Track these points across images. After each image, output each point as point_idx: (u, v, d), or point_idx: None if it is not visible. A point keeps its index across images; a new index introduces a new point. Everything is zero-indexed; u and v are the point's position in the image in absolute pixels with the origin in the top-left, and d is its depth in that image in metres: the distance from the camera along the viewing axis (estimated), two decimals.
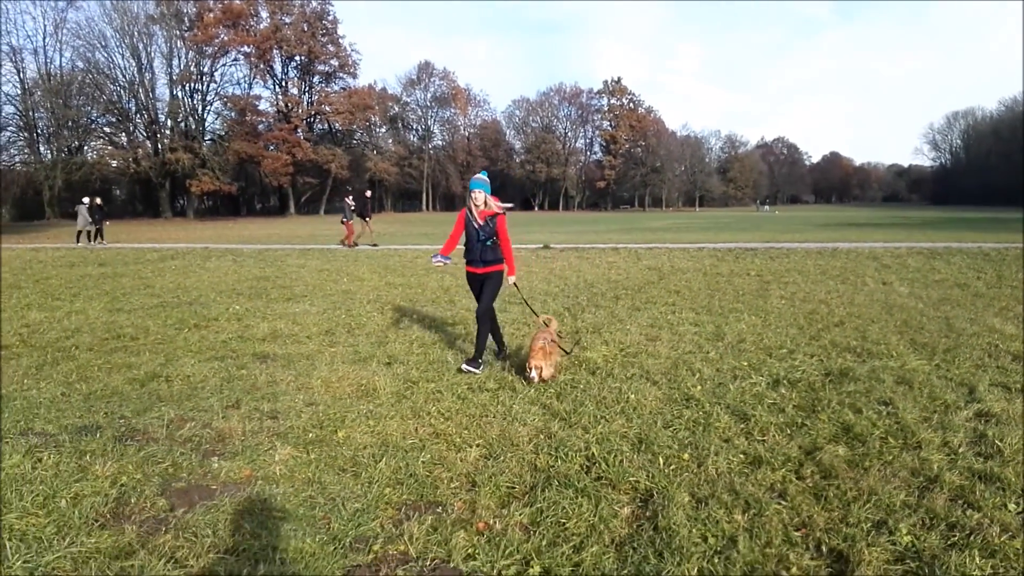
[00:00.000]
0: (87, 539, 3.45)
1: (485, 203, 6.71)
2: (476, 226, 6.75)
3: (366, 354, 7.51)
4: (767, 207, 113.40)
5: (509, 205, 6.42)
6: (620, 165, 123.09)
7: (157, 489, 4.05)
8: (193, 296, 12.25)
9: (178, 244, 27.26)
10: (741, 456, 4.33)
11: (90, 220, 27.78)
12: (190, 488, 4.11)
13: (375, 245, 24.77)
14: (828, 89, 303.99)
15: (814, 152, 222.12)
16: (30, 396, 6.05)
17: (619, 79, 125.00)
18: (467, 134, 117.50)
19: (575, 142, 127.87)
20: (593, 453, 4.39)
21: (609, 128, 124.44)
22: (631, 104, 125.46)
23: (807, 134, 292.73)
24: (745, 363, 6.71)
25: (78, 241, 27.91)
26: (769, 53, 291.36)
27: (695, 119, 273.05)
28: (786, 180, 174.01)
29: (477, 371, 6.55)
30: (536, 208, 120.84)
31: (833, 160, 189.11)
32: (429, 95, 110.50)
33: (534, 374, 5.97)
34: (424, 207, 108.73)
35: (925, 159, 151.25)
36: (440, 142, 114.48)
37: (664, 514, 3.55)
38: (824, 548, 3.22)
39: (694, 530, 3.39)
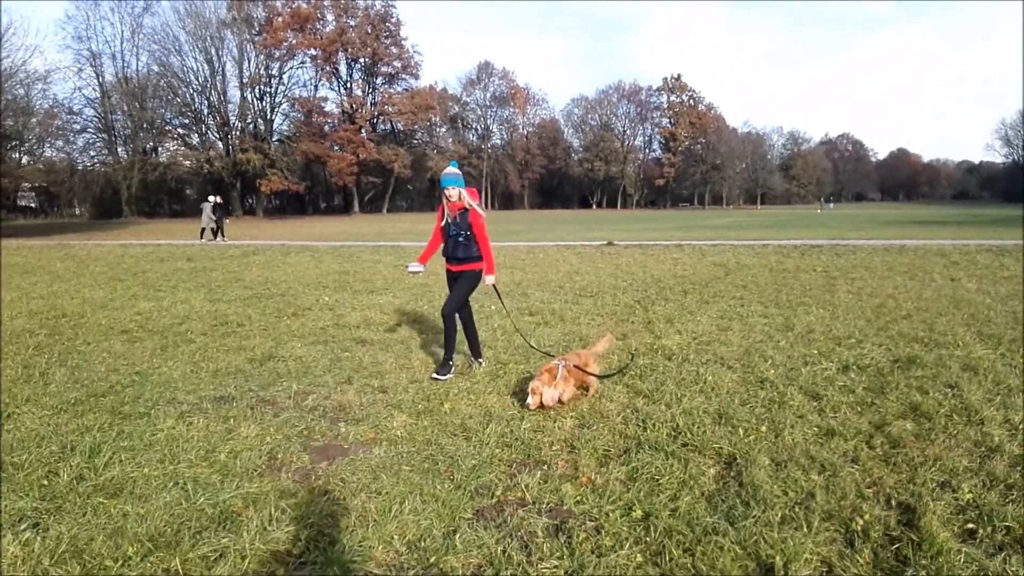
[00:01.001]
0: (250, 484, 4.09)
1: (459, 197, 6.36)
2: (448, 221, 6.46)
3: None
4: (831, 204, 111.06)
5: (484, 213, 6.43)
6: (679, 163, 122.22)
7: (299, 447, 4.69)
8: (282, 288, 13.07)
9: (255, 241, 28.50)
10: (815, 429, 4.75)
11: (212, 218, 28.97)
12: (326, 447, 4.74)
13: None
14: (896, 85, 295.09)
15: (880, 148, 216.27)
16: (163, 372, 6.81)
17: (679, 76, 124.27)
18: (525, 133, 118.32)
19: (634, 140, 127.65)
20: (678, 424, 4.87)
21: (668, 125, 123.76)
22: (691, 101, 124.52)
23: (873, 130, 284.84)
24: (815, 351, 7.08)
25: (201, 238, 29.09)
26: (833, 49, 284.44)
27: (757, 115, 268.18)
28: (851, 177, 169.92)
29: (443, 378, 6.32)
30: (594, 206, 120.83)
31: (900, 156, 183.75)
32: (488, 95, 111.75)
33: (530, 400, 5.26)
34: (484, 205, 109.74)
35: (997, 155, 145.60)
36: (499, 141, 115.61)
37: (747, 473, 4.01)
38: (893, 502, 3.65)
39: (775, 486, 3.84)
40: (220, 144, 74.58)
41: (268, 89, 76.38)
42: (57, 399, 5.86)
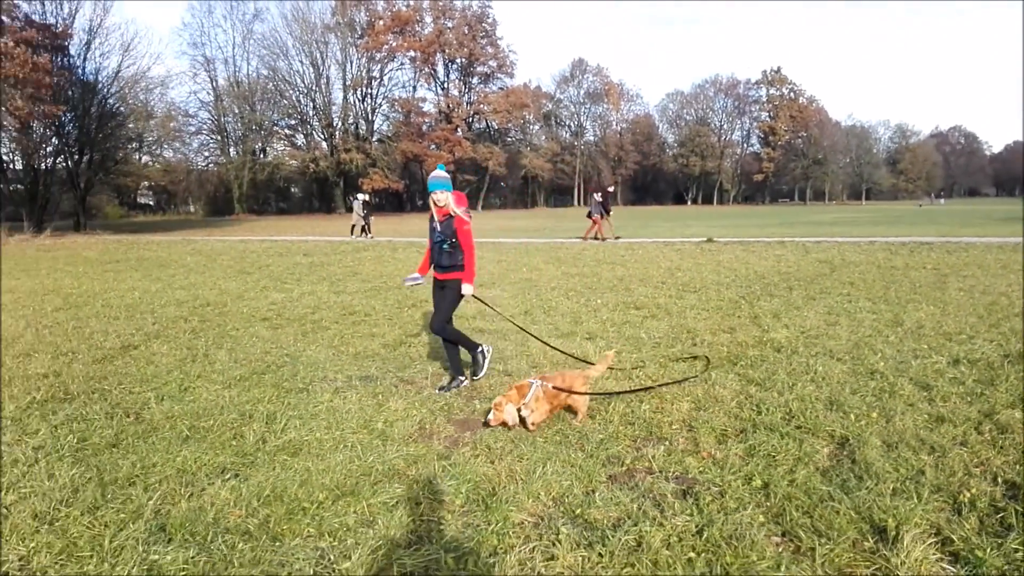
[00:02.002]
0: (407, 448, 4.69)
1: (446, 202, 6.06)
2: (434, 227, 6.19)
3: (567, 331, 8.60)
4: (942, 200, 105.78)
5: (467, 217, 6.18)
6: (779, 157, 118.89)
7: (444, 419, 5.29)
8: (396, 282, 13.87)
9: (376, 237, 29.79)
10: (925, 416, 5.00)
11: (361, 215, 29.40)
12: (466, 420, 5.31)
13: (617, 238, 24.83)
14: (1013, 75, 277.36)
15: (996, 142, 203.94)
16: (308, 355, 7.58)
17: (779, 68, 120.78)
18: (619, 129, 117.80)
19: (731, 134, 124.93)
20: (791, 409, 5.21)
21: (768, 119, 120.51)
22: (791, 94, 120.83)
23: (988, 122, 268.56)
24: (925, 345, 7.20)
25: (352, 234, 29.76)
26: (944, 40, 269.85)
27: (861, 108, 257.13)
28: (963, 171, 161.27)
29: (448, 391, 6.10)
30: (688, 202, 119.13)
31: (1017, 149, 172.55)
32: (582, 91, 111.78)
33: (491, 415, 4.97)
34: (575, 202, 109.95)
35: None
36: (592, 137, 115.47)
37: (860, 452, 4.33)
38: (1000, 479, 3.91)
39: (886, 464, 4.15)
40: (324, 144, 77.66)
41: (369, 91, 79.03)
42: (224, 376, 6.68)
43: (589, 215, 25.55)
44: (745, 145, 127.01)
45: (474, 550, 3.31)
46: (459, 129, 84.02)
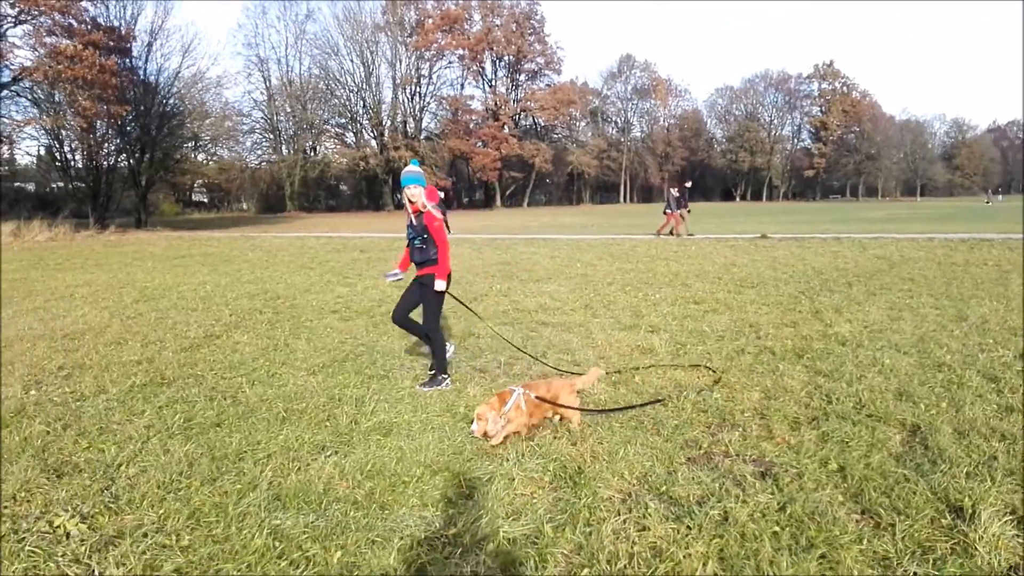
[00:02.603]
0: None
1: (419, 198, 6.03)
2: (409, 223, 6.19)
3: (629, 323, 8.79)
4: (1000, 196, 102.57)
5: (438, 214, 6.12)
6: (831, 153, 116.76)
7: None
8: (455, 277, 14.09)
9: None
10: (994, 406, 5.09)
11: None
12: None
13: (691, 235, 24.49)
14: None
15: None
16: (382, 345, 7.91)
17: (831, 62, 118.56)
18: (666, 125, 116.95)
19: (781, 129, 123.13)
20: (861, 399, 5.34)
21: (819, 114, 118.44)
22: (844, 88, 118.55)
23: None
24: (991, 340, 7.23)
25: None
26: (1002, 32, 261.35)
27: (916, 102, 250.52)
28: (1022, 167, 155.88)
29: (429, 390, 6.03)
30: (737, 198, 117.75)
31: None
32: (629, 87, 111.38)
33: (475, 426, 4.72)
34: (622, 199, 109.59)
35: None
36: (639, 133, 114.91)
37: (932, 439, 4.46)
38: None
39: (959, 450, 4.28)
40: (373, 142, 78.75)
41: (418, 89, 79.86)
42: (307, 363, 7.05)
43: (664, 211, 25.18)
44: (796, 140, 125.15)
45: (569, 521, 3.55)
46: (506, 126, 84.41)
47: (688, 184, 27.01)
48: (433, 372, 6.29)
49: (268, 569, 3.21)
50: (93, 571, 3.24)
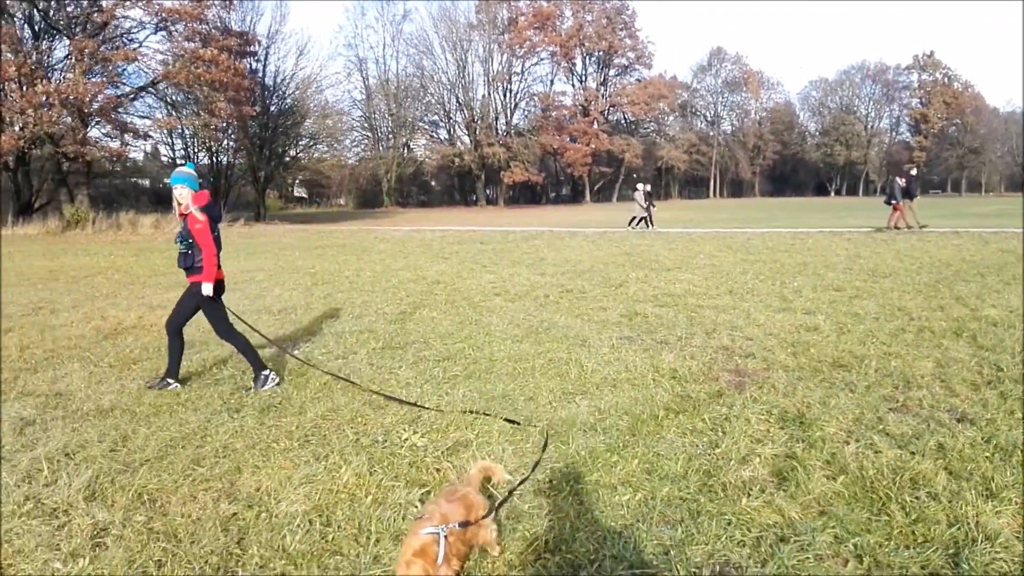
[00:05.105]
0: (701, 385, 5.87)
1: (185, 199, 5.78)
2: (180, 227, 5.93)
3: (781, 307, 9.51)
4: None
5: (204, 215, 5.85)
6: (931, 146, 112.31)
7: (719, 368, 6.43)
8: (586, 266, 15.12)
9: (529, 227, 31.43)
10: None
11: (643, 206, 28.58)
12: (736, 369, 6.43)
13: (923, 227, 23.13)
14: None
15: None
16: (561, 321, 8.87)
17: (931, 52, 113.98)
18: (758, 118, 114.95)
19: (878, 123, 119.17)
20: None
21: (919, 106, 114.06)
22: (945, 79, 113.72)
23: None
24: None
25: (630, 225, 28.87)
26: None
27: (1020, 94, 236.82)
28: None
29: (158, 388, 6.03)
30: (832, 193, 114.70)
31: None
32: (720, 81, 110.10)
33: None
34: (711, 194, 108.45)
35: None
36: (729, 127, 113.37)
37: None
38: None
39: None
40: (467, 139, 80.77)
41: (510, 86, 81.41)
42: (507, 334, 8.10)
43: (887, 201, 23.87)
44: (893, 133, 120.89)
45: (809, 448, 4.43)
46: (595, 122, 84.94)
47: (913, 172, 25.13)
48: (255, 375, 6.15)
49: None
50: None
